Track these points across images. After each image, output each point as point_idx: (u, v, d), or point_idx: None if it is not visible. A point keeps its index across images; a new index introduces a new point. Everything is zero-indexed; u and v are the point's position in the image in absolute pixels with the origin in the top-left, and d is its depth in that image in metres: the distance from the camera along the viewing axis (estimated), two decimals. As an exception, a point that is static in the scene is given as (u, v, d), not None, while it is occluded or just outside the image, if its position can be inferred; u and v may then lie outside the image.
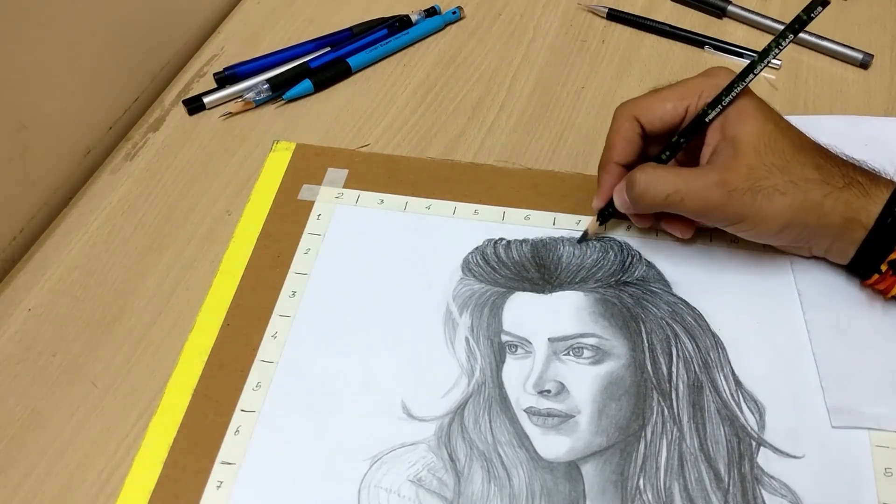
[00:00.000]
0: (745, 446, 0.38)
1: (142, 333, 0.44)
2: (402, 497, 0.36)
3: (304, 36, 0.60)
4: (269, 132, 0.54)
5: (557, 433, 0.38)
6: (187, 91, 0.57)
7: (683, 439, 0.38)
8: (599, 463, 0.37)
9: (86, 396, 0.41)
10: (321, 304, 0.43)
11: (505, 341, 0.41)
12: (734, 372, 0.40)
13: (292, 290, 0.44)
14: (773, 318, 0.42)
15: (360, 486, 0.37)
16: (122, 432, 0.40)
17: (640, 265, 0.44)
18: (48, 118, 0.49)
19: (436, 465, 0.37)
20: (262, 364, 0.41)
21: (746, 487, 0.36)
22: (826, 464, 0.37)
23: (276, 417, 0.39)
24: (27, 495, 0.38)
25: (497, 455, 0.37)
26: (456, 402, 0.39)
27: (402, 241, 0.46)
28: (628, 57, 0.58)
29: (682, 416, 0.38)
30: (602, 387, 0.39)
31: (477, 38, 0.60)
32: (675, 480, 0.37)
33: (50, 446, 0.40)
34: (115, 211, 0.50)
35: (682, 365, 0.40)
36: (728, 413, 0.39)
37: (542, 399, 0.39)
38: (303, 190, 0.48)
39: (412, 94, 0.56)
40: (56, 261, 0.47)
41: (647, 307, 0.42)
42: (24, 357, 0.43)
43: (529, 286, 0.43)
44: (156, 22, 0.57)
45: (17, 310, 0.45)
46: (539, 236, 0.46)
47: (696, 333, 0.41)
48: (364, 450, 0.38)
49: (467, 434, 0.38)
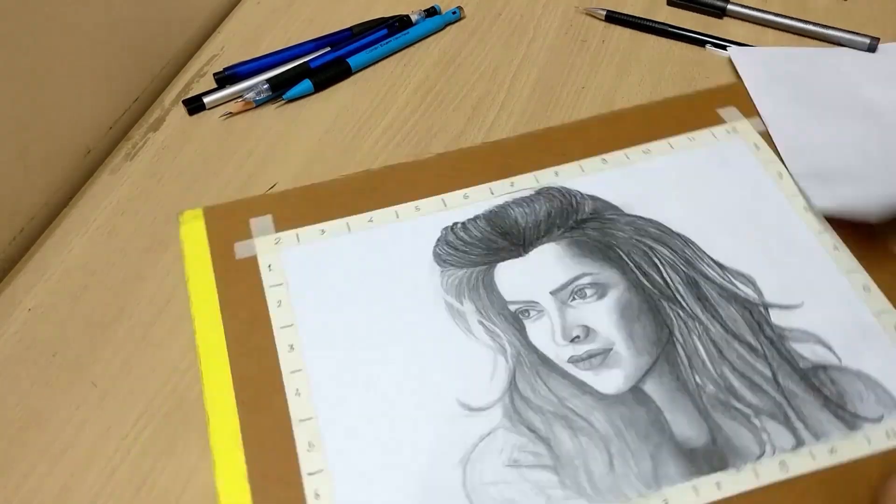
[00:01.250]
0: (757, 314, 0.42)
1: (142, 333, 0.44)
2: (510, 483, 0.37)
3: (304, 36, 0.60)
4: (269, 132, 0.54)
5: (607, 369, 0.40)
6: (187, 91, 0.57)
7: (708, 329, 0.41)
8: (656, 378, 0.40)
9: (86, 396, 0.41)
10: (324, 347, 0.42)
11: (515, 310, 0.43)
12: (713, 258, 0.44)
13: (288, 344, 0.42)
14: (722, 199, 0.46)
15: (466, 491, 0.37)
16: (122, 432, 0.40)
17: (585, 201, 0.47)
18: (48, 118, 0.49)
19: (521, 442, 0.38)
20: (303, 424, 0.39)
21: (777, 346, 0.41)
22: (822, 301, 0.42)
23: (347, 468, 0.38)
24: (27, 495, 0.38)
25: (569, 410, 0.39)
26: (505, 381, 0.40)
27: (365, 260, 0.45)
28: (629, 57, 0.58)
29: (696, 310, 0.42)
30: (619, 314, 0.42)
31: (477, 38, 0.60)
32: (722, 365, 0.40)
33: (50, 446, 0.40)
34: (115, 211, 0.50)
35: (669, 269, 0.44)
36: (728, 293, 0.43)
37: (576, 346, 0.41)
38: (237, 248, 0.45)
39: (412, 94, 0.56)
40: (56, 261, 0.47)
41: (612, 234, 0.45)
42: (24, 357, 0.43)
43: (506, 254, 0.45)
44: (156, 21, 0.57)
45: (17, 310, 0.45)
46: (486, 209, 0.47)
47: (665, 240, 0.45)
48: (448, 458, 0.38)
49: (532, 403, 0.39)
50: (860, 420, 0.38)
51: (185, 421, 0.41)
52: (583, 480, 0.37)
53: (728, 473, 0.37)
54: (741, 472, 0.37)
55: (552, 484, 0.37)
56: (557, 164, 0.49)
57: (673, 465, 0.37)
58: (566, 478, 0.37)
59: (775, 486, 0.36)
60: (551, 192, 0.48)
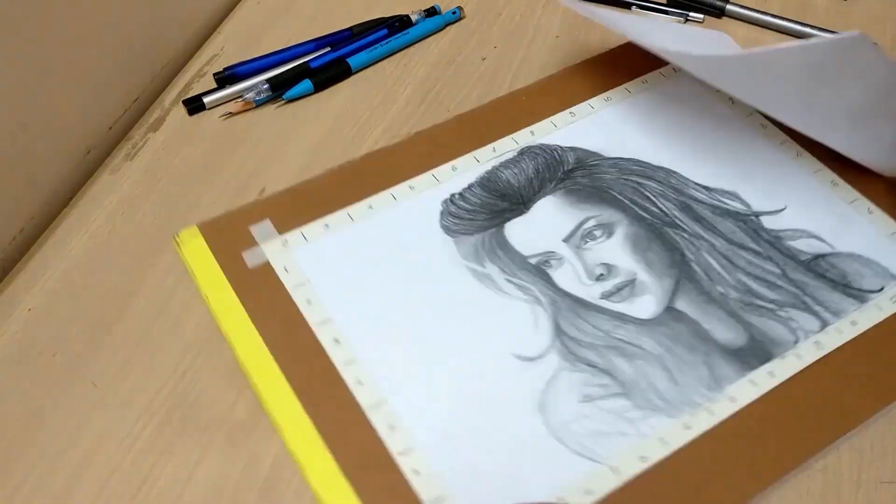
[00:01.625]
0: (751, 223, 0.46)
1: (142, 333, 0.44)
2: (590, 416, 0.39)
3: (304, 36, 0.60)
4: (269, 132, 0.54)
5: (638, 296, 0.43)
6: (187, 91, 0.57)
7: (713, 245, 0.45)
8: (684, 296, 0.43)
9: (86, 396, 0.41)
10: (369, 332, 0.42)
11: (536, 262, 0.45)
12: (697, 183, 0.48)
13: (332, 339, 0.41)
14: (686, 130, 0.50)
15: (553, 434, 0.39)
16: (122, 432, 0.40)
17: (567, 153, 0.50)
18: (48, 118, 0.49)
19: (585, 378, 0.40)
20: (375, 410, 0.39)
21: (777, 247, 0.45)
22: (802, 201, 0.47)
23: (433, 441, 0.38)
24: (27, 495, 0.38)
25: (618, 340, 0.42)
26: (550, 327, 0.42)
27: (378, 245, 0.46)
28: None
29: (697, 230, 0.46)
30: (631, 247, 0.45)
31: (477, 38, 0.60)
32: (737, 272, 0.44)
33: (50, 446, 0.40)
34: (115, 211, 0.50)
35: (662, 199, 0.47)
36: (720, 210, 0.47)
37: (603, 283, 0.44)
38: (247, 258, 0.45)
39: (412, 94, 0.56)
40: (56, 261, 0.47)
41: (600, 178, 0.48)
42: (24, 357, 0.43)
43: (510, 214, 0.47)
44: (156, 22, 0.57)
45: (17, 310, 0.45)
46: (477, 176, 0.49)
47: (649, 174, 0.49)
48: (525, 409, 0.39)
49: (582, 342, 0.42)
50: (866, 293, 0.43)
51: (185, 421, 0.41)
52: (653, 398, 0.40)
53: (775, 363, 0.41)
54: (785, 358, 0.41)
55: (627, 408, 0.39)
56: (530, 124, 0.51)
57: (726, 366, 0.41)
58: (638, 399, 0.40)
59: (818, 362, 0.41)
60: (533, 150, 0.50)
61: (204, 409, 0.41)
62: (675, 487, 0.37)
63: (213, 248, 0.45)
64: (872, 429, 0.40)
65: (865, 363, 0.41)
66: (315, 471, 0.38)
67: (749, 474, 0.37)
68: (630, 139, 0.50)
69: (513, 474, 0.38)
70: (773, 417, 0.39)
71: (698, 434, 0.38)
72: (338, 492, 0.37)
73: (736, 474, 0.37)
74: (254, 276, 0.44)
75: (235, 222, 0.46)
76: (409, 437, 0.39)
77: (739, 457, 0.38)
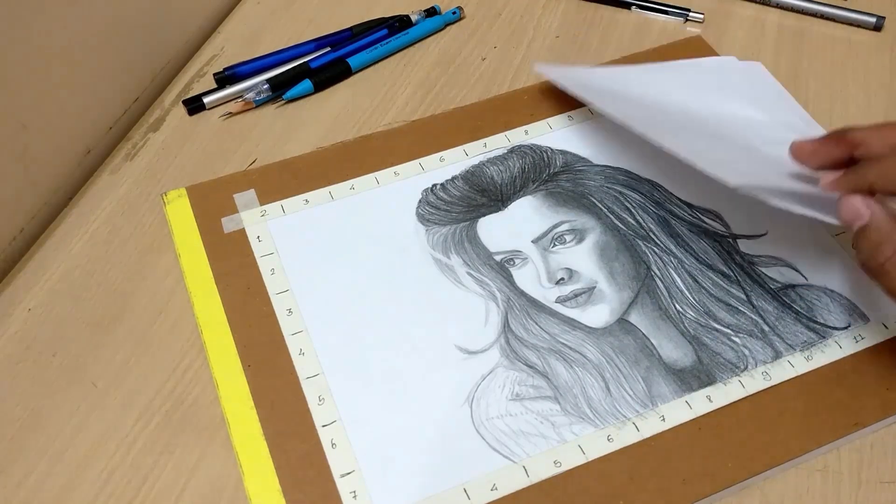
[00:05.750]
0: (726, 244, 0.46)
1: (142, 333, 0.44)
2: (515, 415, 0.39)
3: (304, 36, 0.60)
4: (269, 132, 0.54)
5: (593, 305, 0.43)
6: (187, 91, 0.57)
7: (682, 262, 0.45)
8: (639, 310, 0.43)
9: (86, 396, 0.41)
10: (323, 307, 0.43)
11: (500, 260, 0.45)
12: (681, 199, 0.48)
13: (286, 308, 0.43)
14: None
15: (475, 427, 0.39)
16: (122, 432, 0.40)
17: (556, 156, 0.50)
18: (48, 118, 0.49)
19: (520, 377, 0.41)
20: (310, 380, 0.40)
21: (748, 272, 0.45)
22: (785, 228, 0.46)
23: (358, 417, 0.39)
24: (27, 495, 0.38)
25: (562, 344, 0.42)
26: (499, 324, 0.43)
27: (351, 224, 0.47)
28: (629, 57, 0.58)
29: (670, 246, 0.45)
30: (598, 255, 0.45)
31: (477, 38, 0.60)
32: (700, 292, 0.44)
33: (50, 446, 0.40)
34: (115, 211, 0.50)
35: (641, 211, 0.47)
36: (698, 229, 0.46)
37: (562, 287, 0.44)
38: (225, 223, 0.47)
39: (412, 94, 0.56)
40: (56, 261, 0.47)
41: (584, 184, 0.48)
42: (24, 357, 0.43)
43: (486, 210, 0.47)
44: (156, 22, 0.57)
45: (17, 310, 0.45)
46: (462, 170, 0.49)
47: (633, 185, 0.48)
48: (455, 399, 0.40)
49: (527, 342, 0.42)
50: (829, 329, 0.42)
51: (185, 421, 0.41)
52: (583, 406, 0.40)
53: (716, 387, 0.40)
54: (728, 384, 0.40)
55: (554, 412, 0.39)
56: (527, 123, 0.52)
57: (664, 384, 0.40)
58: (567, 405, 0.40)
59: (761, 393, 0.40)
60: (523, 149, 0.50)
61: (204, 409, 0.41)
62: (584, 496, 0.37)
63: (195, 210, 0.48)
64: (872, 429, 0.40)
65: (807, 401, 0.39)
66: (239, 431, 0.39)
67: (659, 495, 0.37)
68: (622, 149, 0.50)
69: (427, 461, 0.38)
70: (699, 443, 0.38)
71: (619, 447, 0.38)
72: (255, 453, 0.38)
73: (646, 494, 0.37)
74: (228, 241, 0.46)
75: (222, 188, 0.49)
76: (335, 410, 0.40)
77: (655, 476, 0.37)
